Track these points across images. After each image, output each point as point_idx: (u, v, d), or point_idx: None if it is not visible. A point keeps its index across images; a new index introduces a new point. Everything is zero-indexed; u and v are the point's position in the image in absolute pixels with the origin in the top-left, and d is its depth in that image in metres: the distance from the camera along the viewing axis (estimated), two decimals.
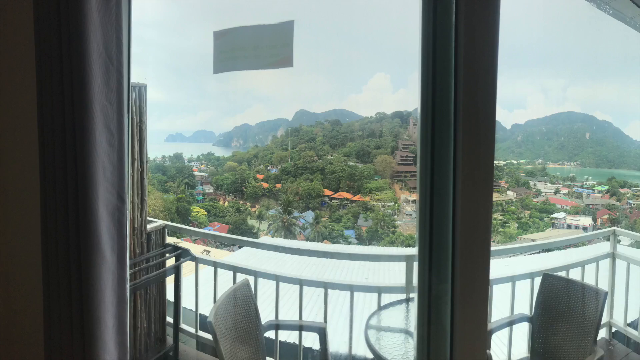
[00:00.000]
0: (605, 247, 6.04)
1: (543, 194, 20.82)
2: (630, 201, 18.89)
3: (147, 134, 4.94)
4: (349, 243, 20.33)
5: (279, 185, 21.70)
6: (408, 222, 20.34)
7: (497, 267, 5.89)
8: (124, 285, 2.08)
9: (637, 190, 19.20)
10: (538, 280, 4.78)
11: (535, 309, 4.62)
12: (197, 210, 20.77)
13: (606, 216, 18.95)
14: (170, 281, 5.37)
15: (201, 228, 19.23)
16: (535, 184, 21.16)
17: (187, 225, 18.95)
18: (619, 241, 6.09)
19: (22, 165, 2.46)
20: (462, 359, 1.62)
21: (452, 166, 1.54)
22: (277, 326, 4.53)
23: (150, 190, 18.00)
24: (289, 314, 5.50)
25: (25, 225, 2.48)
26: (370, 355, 4.11)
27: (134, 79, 3.97)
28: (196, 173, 21.88)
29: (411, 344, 3.89)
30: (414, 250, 1.73)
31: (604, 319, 5.74)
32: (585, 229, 18.77)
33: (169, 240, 5.60)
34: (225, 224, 20.74)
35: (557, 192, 20.62)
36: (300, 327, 4.85)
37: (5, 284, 2.61)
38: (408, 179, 21.02)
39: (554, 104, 26.15)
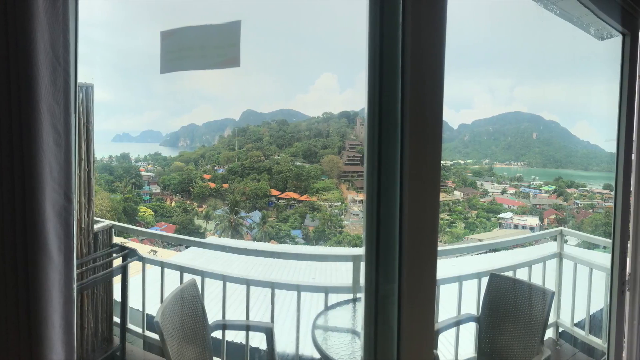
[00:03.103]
0: (552, 247, 6.17)
1: (490, 194, 21.13)
2: (577, 201, 19.21)
3: (94, 134, 4.95)
4: (296, 243, 20.50)
5: (226, 185, 21.70)
6: (355, 222, 20.52)
7: (444, 267, 5.96)
8: (71, 285, 2.05)
9: (584, 190, 19.51)
10: (485, 280, 4.86)
11: (482, 309, 4.67)
12: (144, 210, 20.62)
13: (553, 216, 19.24)
14: (117, 281, 5.37)
15: (148, 228, 19.14)
16: (482, 184, 21.47)
17: (134, 225, 18.81)
18: (566, 241, 6.21)
19: None
20: (409, 358, 1.62)
21: (399, 166, 1.54)
22: (224, 326, 4.60)
23: (97, 190, 17.89)
24: (236, 314, 5.49)
25: None
26: (318, 355, 4.18)
27: (81, 79, 3.94)
28: (143, 173, 21.71)
29: (358, 343, 3.94)
30: (360, 250, 1.74)
31: (551, 319, 5.85)
32: (532, 229, 19.16)
33: (116, 240, 5.59)
34: (172, 224, 20.68)
35: (504, 192, 21.02)
36: (247, 327, 4.89)
37: None
38: (355, 179, 21.24)
39: (501, 104, 26.54)
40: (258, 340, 5.78)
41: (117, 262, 5.27)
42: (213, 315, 4.48)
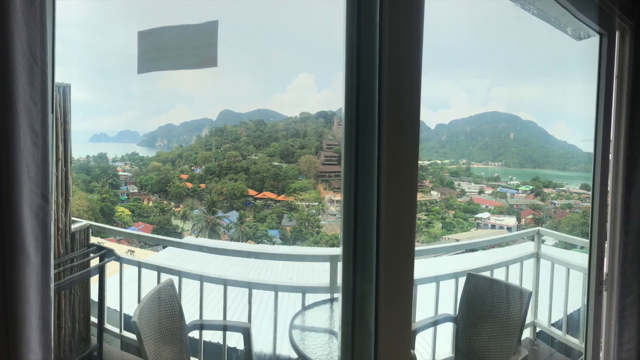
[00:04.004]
0: (529, 247, 6.18)
1: (467, 194, 21.34)
2: (555, 201, 19.32)
3: (71, 134, 4.94)
4: (273, 243, 20.62)
5: (203, 185, 21.75)
6: (332, 222, 20.61)
7: (422, 267, 5.98)
8: (48, 285, 2.04)
9: (561, 190, 19.66)
10: (462, 280, 4.85)
11: (460, 309, 4.69)
12: (122, 210, 20.57)
13: (530, 216, 19.37)
14: (94, 281, 5.34)
15: (125, 228, 19.19)
16: (459, 184, 21.68)
17: (112, 225, 18.76)
18: (543, 241, 6.23)
19: None
20: (386, 358, 1.62)
21: (376, 166, 1.56)
22: (201, 326, 4.58)
23: (75, 190, 17.74)
24: (213, 314, 5.57)
25: None
26: (295, 355, 4.20)
27: (58, 79, 3.93)
28: (120, 173, 21.68)
29: (335, 343, 3.95)
30: (338, 250, 1.74)
31: (528, 318, 5.85)
32: (509, 229, 19.32)
33: (93, 240, 5.60)
34: (150, 224, 20.66)
35: (481, 192, 21.20)
36: (225, 327, 4.93)
37: None
38: (332, 179, 21.36)
39: (478, 104, 26.85)
40: (235, 340, 5.78)
41: (95, 262, 5.26)
42: (190, 315, 4.51)
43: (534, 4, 3.13)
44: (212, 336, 5.86)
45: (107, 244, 7.83)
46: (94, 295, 5.45)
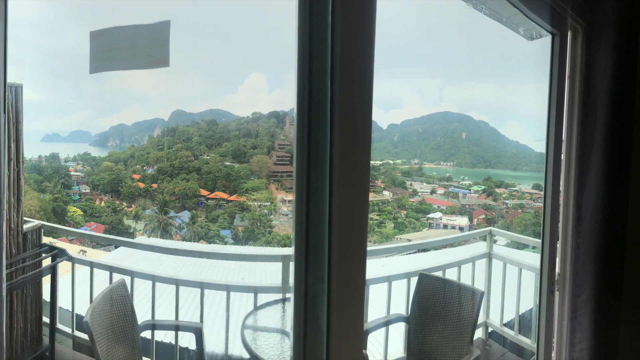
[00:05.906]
0: (481, 247, 6.23)
1: (419, 194, 21.26)
2: (507, 201, 19.46)
3: (23, 134, 4.93)
4: (225, 243, 20.45)
5: (155, 185, 21.43)
6: (284, 222, 20.53)
7: (374, 267, 5.94)
8: (0, 285, 2.04)
9: (513, 190, 19.79)
10: (414, 280, 4.88)
11: (412, 309, 4.70)
12: (74, 210, 20.25)
13: (482, 216, 19.41)
14: (46, 281, 5.34)
15: (77, 228, 18.78)
16: (411, 184, 21.59)
17: (64, 225, 18.48)
18: (495, 241, 6.29)
19: None
20: (338, 358, 1.62)
21: (328, 166, 1.57)
22: (153, 326, 4.60)
23: (27, 190, 17.55)
24: (165, 314, 5.52)
25: None
26: (247, 355, 4.17)
27: (10, 79, 3.89)
28: (72, 173, 21.28)
29: (287, 344, 3.98)
30: (290, 250, 1.72)
31: (481, 319, 5.89)
32: (461, 229, 19.35)
33: (45, 240, 5.57)
34: (102, 224, 20.39)
35: (433, 192, 21.15)
36: (177, 327, 4.95)
37: None
38: (284, 179, 21.28)
39: (430, 104, 27.02)
40: (187, 340, 5.79)
41: (47, 262, 5.27)
42: (142, 315, 4.50)
43: (486, 4, 3.15)
44: (164, 336, 5.82)
45: (59, 244, 7.74)
46: (46, 296, 5.44)
